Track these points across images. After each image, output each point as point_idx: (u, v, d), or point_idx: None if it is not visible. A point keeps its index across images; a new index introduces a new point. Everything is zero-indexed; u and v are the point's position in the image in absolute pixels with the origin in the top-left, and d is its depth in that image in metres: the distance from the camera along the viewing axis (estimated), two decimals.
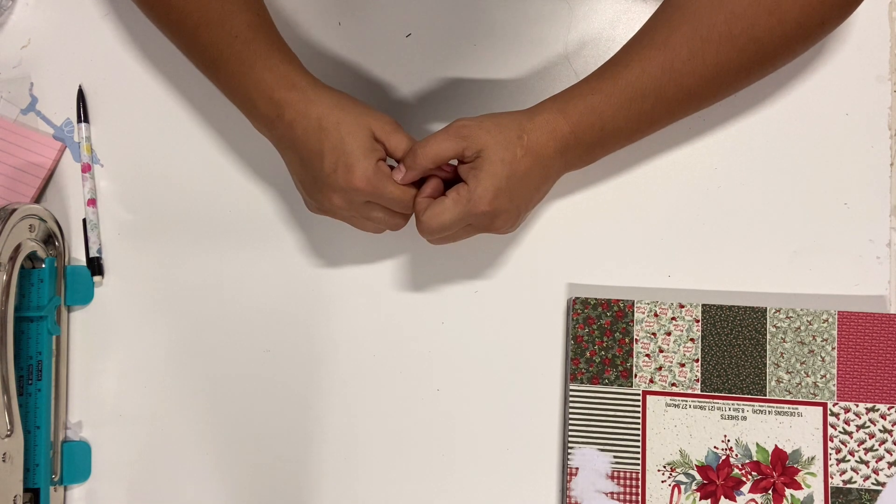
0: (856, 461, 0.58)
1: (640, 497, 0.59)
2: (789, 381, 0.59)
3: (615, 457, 0.59)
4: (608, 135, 0.54)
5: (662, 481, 0.59)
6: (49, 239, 0.62)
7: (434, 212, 0.53)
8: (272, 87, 0.54)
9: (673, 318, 0.60)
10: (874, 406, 0.59)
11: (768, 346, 0.60)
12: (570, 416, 0.60)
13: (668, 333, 0.60)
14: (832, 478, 0.58)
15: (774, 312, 0.60)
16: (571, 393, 0.60)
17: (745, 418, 0.59)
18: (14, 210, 0.58)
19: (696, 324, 0.60)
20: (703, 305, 0.60)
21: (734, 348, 0.60)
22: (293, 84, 0.54)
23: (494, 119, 0.53)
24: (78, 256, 0.65)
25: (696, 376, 0.60)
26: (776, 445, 0.59)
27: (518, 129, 0.53)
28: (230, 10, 0.55)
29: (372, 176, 0.52)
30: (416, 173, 0.53)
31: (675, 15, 0.53)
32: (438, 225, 0.53)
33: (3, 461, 0.56)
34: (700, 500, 0.58)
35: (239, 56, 0.55)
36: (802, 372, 0.59)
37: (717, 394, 0.59)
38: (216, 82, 0.57)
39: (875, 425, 0.59)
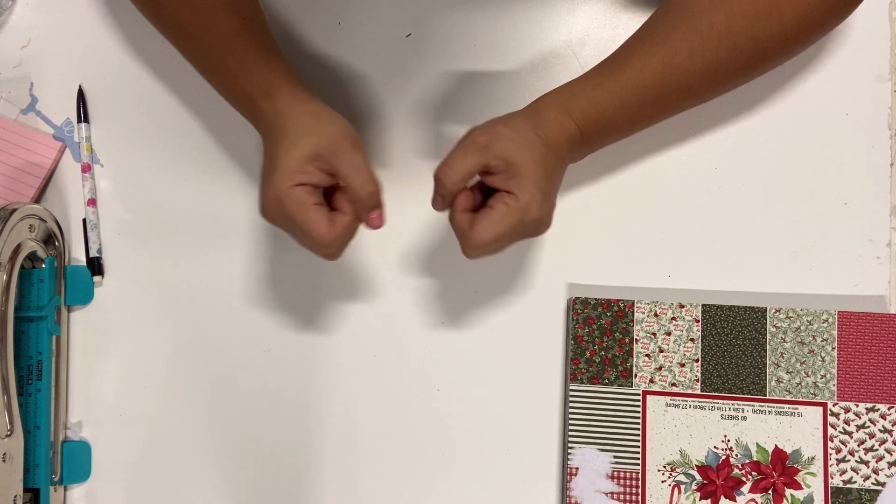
0: (856, 461, 0.58)
1: (640, 497, 0.59)
2: (789, 381, 0.59)
3: (615, 457, 0.59)
4: (609, 130, 0.54)
5: (662, 481, 0.59)
6: (49, 239, 0.62)
7: (484, 226, 0.51)
8: (253, 97, 0.54)
9: (673, 318, 0.60)
10: (874, 406, 0.59)
11: (768, 346, 0.60)
12: (570, 416, 0.60)
13: (668, 333, 0.60)
14: (832, 478, 0.58)
15: (774, 312, 0.60)
16: (571, 393, 0.60)
17: (745, 418, 0.59)
18: (14, 210, 0.58)
19: (696, 324, 0.60)
20: (703, 305, 0.60)
21: (734, 348, 0.60)
22: (268, 93, 0.53)
23: (506, 123, 0.52)
24: (78, 256, 0.65)
25: (696, 376, 0.60)
26: (776, 445, 0.59)
27: (533, 129, 0.52)
28: (217, 16, 0.54)
29: (283, 197, 0.50)
30: (450, 198, 0.52)
31: (675, 13, 0.53)
32: (492, 238, 0.51)
33: (3, 461, 0.56)
34: (700, 500, 0.58)
35: (222, 65, 0.55)
36: (802, 372, 0.59)
37: (717, 394, 0.59)
38: (211, 82, 0.58)
39: (875, 425, 0.59)
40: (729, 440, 0.59)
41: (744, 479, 0.59)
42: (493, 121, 0.53)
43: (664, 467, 0.59)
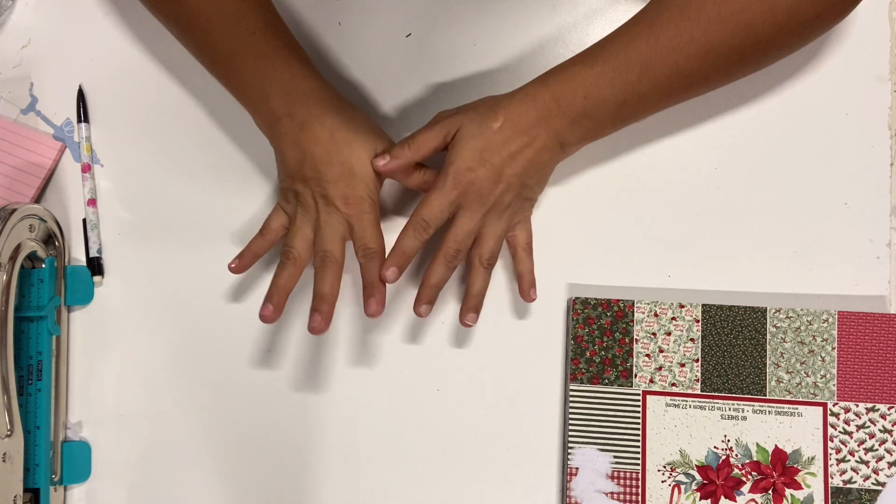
0: (856, 461, 0.58)
1: (640, 497, 0.59)
2: (789, 381, 0.59)
3: (615, 457, 0.59)
4: (593, 105, 0.54)
5: (662, 481, 0.59)
6: (49, 239, 0.62)
7: (423, 201, 0.56)
8: (288, 85, 0.55)
9: (673, 318, 0.60)
10: (874, 406, 0.59)
11: (768, 346, 0.60)
12: (570, 416, 0.60)
13: (668, 333, 0.60)
14: (832, 478, 0.58)
15: (774, 312, 0.60)
16: (571, 393, 0.60)
17: (745, 418, 0.59)
18: (14, 210, 0.58)
19: (696, 324, 0.60)
20: (703, 305, 0.60)
21: (734, 348, 0.60)
22: (310, 87, 0.56)
23: (473, 103, 0.56)
24: (78, 256, 0.65)
25: (696, 376, 0.60)
26: (776, 445, 0.59)
27: (494, 105, 0.55)
28: (247, 7, 0.56)
29: (370, 195, 0.56)
30: (401, 162, 0.56)
31: None
32: (432, 206, 0.55)
33: (3, 461, 0.56)
34: (700, 500, 0.58)
35: (256, 51, 0.56)
36: (802, 372, 0.59)
37: (717, 394, 0.59)
38: (224, 77, 0.58)
39: (875, 425, 0.59)
40: (729, 440, 0.59)
41: (744, 479, 0.59)
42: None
43: (664, 467, 0.59)
